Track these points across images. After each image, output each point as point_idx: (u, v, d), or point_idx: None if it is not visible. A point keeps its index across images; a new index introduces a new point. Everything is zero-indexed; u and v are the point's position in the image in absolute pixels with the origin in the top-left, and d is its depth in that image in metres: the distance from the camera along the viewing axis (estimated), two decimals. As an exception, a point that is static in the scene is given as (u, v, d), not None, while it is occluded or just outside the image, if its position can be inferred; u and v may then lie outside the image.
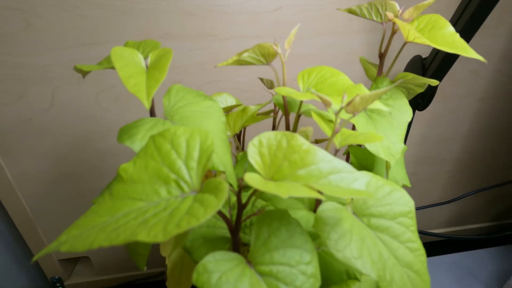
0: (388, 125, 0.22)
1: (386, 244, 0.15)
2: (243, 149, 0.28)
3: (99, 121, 0.50)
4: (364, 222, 0.16)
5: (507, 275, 0.67)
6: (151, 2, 0.43)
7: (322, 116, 0.19)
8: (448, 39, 0.19)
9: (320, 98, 0.16)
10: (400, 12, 0.21)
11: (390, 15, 0.20)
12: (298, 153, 0.14)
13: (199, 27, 0.45)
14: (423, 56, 0.43)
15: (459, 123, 0.62)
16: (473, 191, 0.64)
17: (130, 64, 0.16)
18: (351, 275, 0.20)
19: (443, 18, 0.20)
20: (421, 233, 0.70)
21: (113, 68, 0.20)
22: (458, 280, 0.67)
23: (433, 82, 0.24)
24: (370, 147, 0.21)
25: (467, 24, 0.33)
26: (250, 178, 0.12)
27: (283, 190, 0.11)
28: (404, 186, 0.66)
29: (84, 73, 0.21)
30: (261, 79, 0.28)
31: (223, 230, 0.19)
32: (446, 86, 0.57)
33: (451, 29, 0.20)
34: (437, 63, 0.39)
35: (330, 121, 0.20)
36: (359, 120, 0.22)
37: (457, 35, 0.19)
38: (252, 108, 0.23)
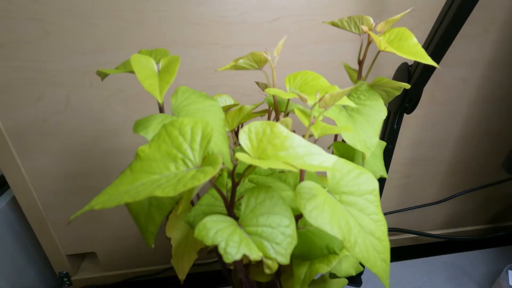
0: (365, 122, 0.25)
1: (353, 215, 0.18)
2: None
3: (109, 122, 0.54)
4: (336, 198, 0.19)
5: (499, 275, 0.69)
6: (158, 12, 0.47)
7: (303, 112, 0.22)
8: (412, 49, 0.23)
9: (299, 96, 0.19)
10: (374, 25, 0.25)
11: (365, 28, 0.24)
12: (279, 138, 0.17)
13: (203, 35, 0.49)
14: (409, 64, 0.47)
15: (451, 127, 0.65)
16: (464, 190, 0.67)
17: (146, 68, 0.20)
18: (331, 250, 0.23)
19: (408, 31, 0.24)
20: (418, 233, 0.73)
21: (129, 72, 0.24)
22: (453, 279, 0.69)
23: (405, 85, 0.27)
24: (349, 140, 0.24)
25: (444, 34, 0.37)
26: (241, 156, 0.15)
27: (265, 164, 0.15)
28: (400, 187, 0.69)
29: (104, 76, 0.25)
30: (257, 83, 0.32)
31: (221, 208, 0.23)
32: (437, 92, 0.61)
33: (414, 40, 0.23)
34: (420, 70, 0.42)
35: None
36: (340, 118, 0.26)
37: (419, 45, 0.23)
38: (248, 107, 0.27)
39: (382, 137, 0.53)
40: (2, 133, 0.52)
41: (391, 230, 0.73)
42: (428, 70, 0.42)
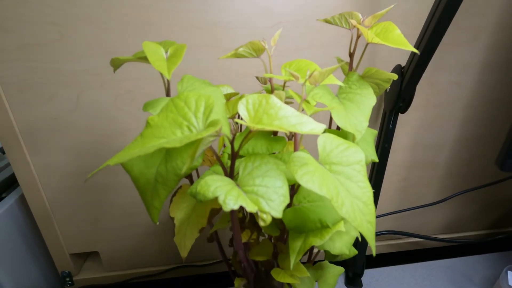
0: (356, 108, 0.28)
1: (341, 182, 0.20)
2: (240, 131, 0.33)
3: (116, 121, 0.57)
4: (326, 168, 0.21)
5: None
6: (165, 17, 0.50)
7: (296, 94, 0.25)
8: (396, 39, 0.25)
9: (292, 74, 0.21)
10: (362, 20, 0.27)
11: (354, 22, 0.26)
12: (274, 108, 0.19)
13: (206, 40, 0.52)
14: (402, 65, 0.49)
15: (447, 130, 0.66)
16: (463, 190, 0.68)
17: (155, 53, 0.23)
18: (324, 224, 0.25)
19: (393, 24, 0.26)
20: (416, 236, 0.73)
21: (141, 59, 0.27)
22: (453, 283, 0.69)
23: (393, 76, 0.30)
24: (340, 123, 0.26)
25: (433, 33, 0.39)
26: (240, 121, 0.18)
27: (262, 126, 0.17)
28: (398, 190, 0.70)
29: (117, 65, 0.28)
30: (258, 78, 0.34)
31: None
32: (431, 95, 0.63)
33: (398, 32, 0.26)
34: (411, 70, 0.45)
35: (307, 101, 0.25)
36: (332, 104, 0.28)
37: (402, 36, 0.25)
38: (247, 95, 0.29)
39: (378, 137, 0.55)
40: (15, 130, 0.55)
41: (391, 233, 0.73)
42: (419, 70, 0.44)
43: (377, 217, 0.71)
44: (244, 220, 0.31)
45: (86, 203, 0.63)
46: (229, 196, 0.17)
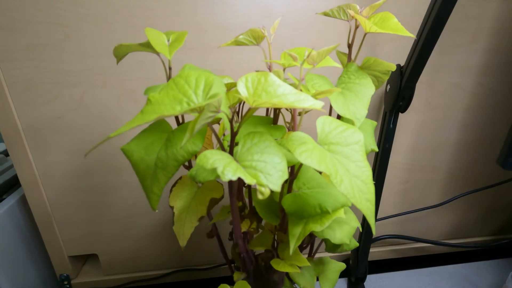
0: (355, 97, 0.28)
1: (340, 161, 0.20)
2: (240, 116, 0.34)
3: (119, 121, 0.57)
4: (325, 148, 0.21)
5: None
6: (170, 19, 0.51)
7: (295, 78, 0.25)
8: (393, 26, 0.26)
9: (290, 55, 0.22)
10: (360, 11, 0.28)
11: (352, 12, 0.27)
12: (272, 86, 0.19)
13: (209, 40, 0.53)
14: (401, 65, 0.50)
15: (448, 133, 0.66)
16: (464, 193, 0.67)
17: (158, 39, 0.23)
18: (323, 209, 0.24)
19: (390, 14, 0.27)
20: (418, 240, 0.72)
21: (142, 48, 0.27)
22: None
23: (392, 66, 0.30)
24: (339, 110, 0.26)
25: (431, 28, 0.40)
26: (240, 93, 0.18)
27: (261, 101, 0.17)
28: (400, 193, 0.69)
29: (121, 55, 0.28)
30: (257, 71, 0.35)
31: None
32: (431, 97, 0.63)
33: (395, 20, 0.26)
34: (410, 68, 0.45)
35: (307, 89, 0.26)
36: (332, 97, 0.28)
37: (399, 23, 0.26)
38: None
39: (379, 137, 0.55)
40: (19, 129, 0.56)
41: (393, 237, 0.72)
42: (417, 68, 0.45)
43: (378, 220, 0.70)
44: (244, 209, 0.31)
45: (87, 204, 0.63)
46: (227, 167, 0.17)
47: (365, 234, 0.60)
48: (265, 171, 0.18)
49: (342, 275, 0.72)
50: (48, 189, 0.61)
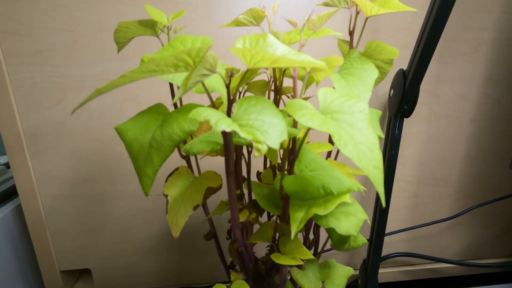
0: (358, 81, 0.27)
1: (343, 128, 0.19)
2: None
3: (120, 126, 0.57)
4: (328, 117, 0.20)
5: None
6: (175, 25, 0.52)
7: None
8: (393, 5, 0.26)
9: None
10: (361, -3, 0.28)
11: (352, -2, 0.27)
12: (272, 47, 0.19)
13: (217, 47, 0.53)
14: (404, 69, 0.50)
15: (455, 144, 0.65)
16: (477, 204, 0.64)
17: (159, 15, 0.23)
18: (327, 190, 0.23)
19: (391, -4, 0.27)
20: (434, 259, 0.67)
21: (141, 32, 0.27)
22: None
23: (395, 53, 0.30)
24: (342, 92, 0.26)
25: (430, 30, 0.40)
26: (236, 50, 0.17)
27: (259, 63, 0.16)
28: (408, 208, 0.66)
29: (121, 42, 0.28)
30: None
31: (217, 137, 0.23)
32: (436, 106, 0.62)
33: (396, 1, 0.26)
34: (414, 68, 0.45)
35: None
36: (335, 77, 0.27)
37: (400, 3, 0.26)
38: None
39: (384, 144, 0.54)
40: (20, 135, 0.55)
41: (404, 255, 0.68)
42: (421, 67, 0.44)
43: (387, 235, 0.66)
44: (242, 197, 0.29)
45: (83, 214, 0.61)
46: (222, 120, 0.16)
47: (373, 250, 0.57)
48: (262, 129, 0.17)
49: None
50: (44, 197, 0.59)
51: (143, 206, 0.62)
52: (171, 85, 0.35)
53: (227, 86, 0.19)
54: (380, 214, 0.55)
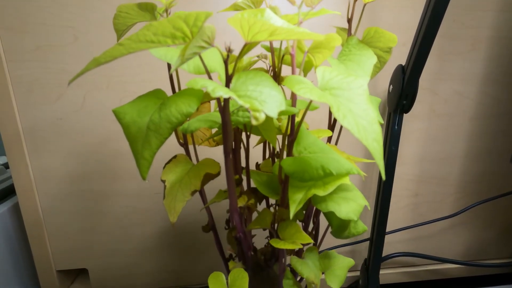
0: (356, 66, 0.27)
1: (342, 102, 0.19)
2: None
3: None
4: (326, 93, 0.20)
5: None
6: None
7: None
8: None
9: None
10: (358, -16, 0.28)
11: (350, -16, 0.28)
12: (270, 20, 0.19)
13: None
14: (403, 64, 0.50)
15: (455, 142, 0.64)
16: (479, 201, 0.63)
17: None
18: (326, 171, 0.22)
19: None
20: (436, 259, 0.66)
21: (141, 18, 0.27)
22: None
23: (393, 40, 0.30)
24: (340, 75, 0.26)
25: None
26: (233, 21, 0.17)
27: (257, 35, 0.16)
28: (409, 207, 0.65)
29: (121, 28, 0.29)
30: (258, 56, 0.35)
31: (215, 116, 0.23)
32: (435, 104, 0.62)
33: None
34: (412, 63, 0.45)
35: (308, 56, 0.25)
36: (333, 62, 0.27)
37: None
38: (246, 58, 0.29)
39: (384, 140, 0.53)
40: (19, 131, 0.55)
41: (405, 255, 0.67)
42: (419, 62, 0.45)
43: (388, 233, 0.65)
44: (241, 182, 0.29)
45: (80, 212, 0.60)
46: (219, 87, 0.16)
47: (374, 248, 0.56)
48: (261, 99, 0.17)
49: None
50: (42, 194, 0.59)
51: (141, 205, 0.61)
52: (171, 80, 0.35)
53: (225, 62, 0.19)
54: (381, 212, 0.54)
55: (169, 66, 0.33)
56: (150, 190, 0.61)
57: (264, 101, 0.17)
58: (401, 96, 0.49)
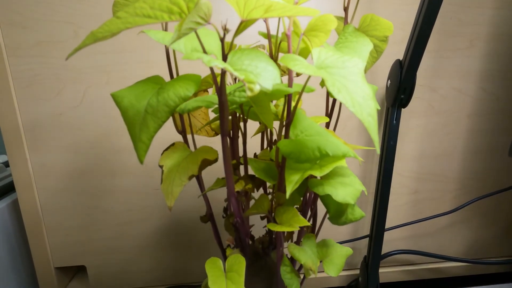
0: (353, 52, 0.27)
1: (337, 79, 0.19)
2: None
3: (119, 119, 0.57)
4: (322, 72, 0.20)
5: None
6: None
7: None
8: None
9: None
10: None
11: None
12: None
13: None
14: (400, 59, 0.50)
15: (454, 139, 0.64)
16: (479, 196, 0.63)
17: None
18: (323, 151, 0.22)
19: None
20: (436, 256, 0.66)
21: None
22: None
23: (390, 26, 0.30)
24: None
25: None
26: (231, 2, 0.17)
27: (253, 12, 0.17)
28: (409, 205, 0.65)
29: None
30: (258, 46, 0.35)
31: (213, 97, 0.23)
32: (434, 101, 0.63)
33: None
34: (409, 56, 0.45)
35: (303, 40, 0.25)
36: (330, 49, 0.28)
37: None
38: (244, 46, 0.29)
39: (383, 135, 0.54)
40: (19, 127, 0.55)
41: (405, 252, 0.67)
42: (416, 55, 0.45)
43: (388, 229, 0.65)
44: (238, 167, 0.29)
45: (79, 208, 0.60)
46: (214, 59, 0.16)
47: (374, 245, 0.56)
48: (256, 72, 0.17)
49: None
50: (41, 190, 0.59)
51: (140, 201, 0.61)
52: (170, 73, 0.35)
53: (222, 40, 0.19)
54: (380, 208, 0.54)
55: (168, 62, 0.33)
56: (150, 187, 0.61)
57: (259, 74, 0.17)
58: (399, 90, 0.49)
